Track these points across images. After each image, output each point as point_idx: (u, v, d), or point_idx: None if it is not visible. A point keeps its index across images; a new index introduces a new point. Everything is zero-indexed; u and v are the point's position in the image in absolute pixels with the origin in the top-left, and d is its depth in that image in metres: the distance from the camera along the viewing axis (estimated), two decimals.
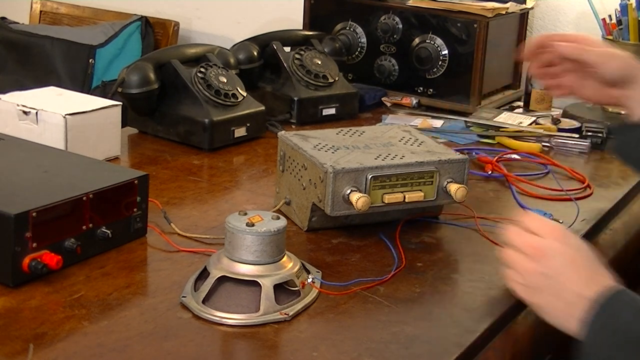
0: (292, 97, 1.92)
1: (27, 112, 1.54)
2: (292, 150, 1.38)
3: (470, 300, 1.18)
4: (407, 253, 1.30)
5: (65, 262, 1.15)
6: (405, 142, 1.42)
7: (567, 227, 1.42)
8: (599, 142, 1.87)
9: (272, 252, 1.12)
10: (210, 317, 1.08)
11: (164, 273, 1.20)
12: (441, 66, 2.07)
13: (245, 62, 1.93)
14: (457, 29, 2.04)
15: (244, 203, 1.48)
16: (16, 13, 2.93)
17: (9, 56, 2.72)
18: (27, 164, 1.31)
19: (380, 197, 1.31)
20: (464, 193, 1.34)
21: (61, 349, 1.00)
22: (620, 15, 2.04)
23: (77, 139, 1.53)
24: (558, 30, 2.30)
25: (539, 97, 2.09)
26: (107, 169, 1.35)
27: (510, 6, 2.11)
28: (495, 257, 1.32)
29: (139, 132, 1.78)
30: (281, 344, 1.05)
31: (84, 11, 2.92)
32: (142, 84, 1.71)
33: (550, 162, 1.73)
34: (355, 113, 2.00)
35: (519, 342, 1.18)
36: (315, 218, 1.35)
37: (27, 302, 1.09)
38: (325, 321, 1.10)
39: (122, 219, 1.26)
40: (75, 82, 2.60)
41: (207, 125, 1.70)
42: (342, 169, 1.29)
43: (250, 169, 1.65)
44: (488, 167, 1.66)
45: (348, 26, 2.17)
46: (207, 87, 1.74)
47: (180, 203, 1.45)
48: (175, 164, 1.64)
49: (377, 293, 1.18)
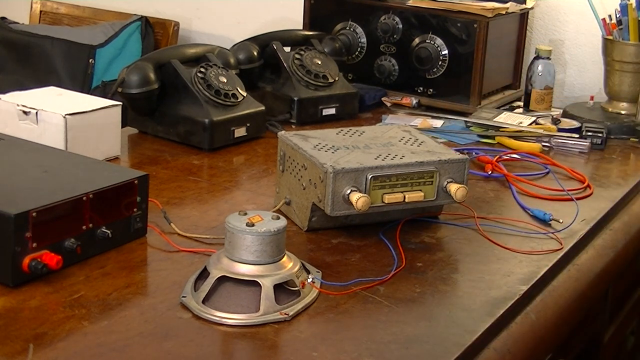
0: (292, 97, 1.92)
1: (27, 112, 1.54)
2: (292, 150, 1.38)
3: (470, 300, 1.18)
4: (407, 253, 1.30)
5: (65, 262, 1.15)
6: (405, 142, 1.42)
7: (567, 227, 1.43)
8: (599, 142, 1.88)
9: (272, 252, 1.12)
10: (210, 317, 1.08)
11: (164, 273, 1.20)
12: (441, 66, 2.07)
13: (245, 62, 1.93)
14: (457, 29, 2.04)
15: (244, 203, 1.48)
16: (16, 13, 2.93)
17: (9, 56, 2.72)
18: (27, 164, 1.31)
19: (380, 197, 1.31)
20: (464, 193, 1.34)
21: (61, 349, 1.00)
22: (620, 15, 2.04)
23: (77, 139, 1.53)
24: (558, 30, 2.30)
25: (539, 97, 2.09)
26: (107, 169, 1.35)
27: (510, 6, 2.11)
28: (495, 257, 1.32)
29: (139, 132, 1.78)
30: (281, 344, 1.05)
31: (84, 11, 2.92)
32: (142, 84, 1.71)
33: (550, 162, 1.73)
34: (355, 113, 2.00)
35: (519, 342, 1.17)
36: (315, 218, 1.35)
37: (27, 302, 1.09)
38: (325, 321, 1.10)
39: (122, 219, 1.26)
40: (75, 82, 2.60)
41: (207, 125, 1.70)
42: (342, 169, 1.29)
43: (250, 169, 1.65)
44: (488, 167, 1.66)
45: (348, 26, 2.17)
46: (207, 87, 1.74)
47: (180, 203, 1.45)
48: (175, 164, 1.64)
49: (377, 293, 1.18)
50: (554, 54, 2.17)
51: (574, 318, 1.33)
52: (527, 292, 1.22)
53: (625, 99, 2.06)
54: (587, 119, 1.98)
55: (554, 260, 1.33)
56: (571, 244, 1.39)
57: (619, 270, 1.53)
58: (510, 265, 1.30)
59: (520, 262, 1.31)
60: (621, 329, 1.76)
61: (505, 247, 1.35)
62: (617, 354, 1.77)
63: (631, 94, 2.05)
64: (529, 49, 2.27)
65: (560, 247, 1.37)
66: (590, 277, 1.39)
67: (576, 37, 2.28)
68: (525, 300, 1.22)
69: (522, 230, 1.42)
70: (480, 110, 2.00)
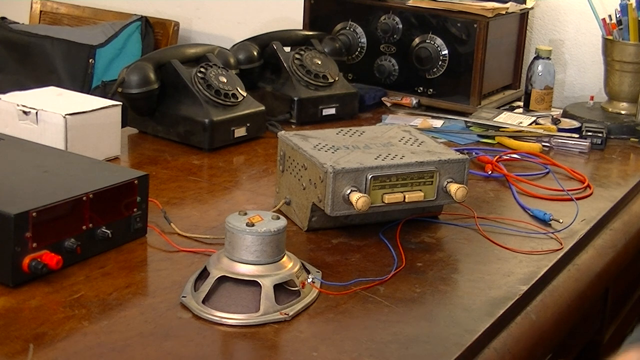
0: (292, 97, 1.92)
1: (27, 112, 1.54)
2: (292, 150, 1.38)
3: (470, 300, 1.18)
4: (407, 253, 1.30)
5: (65, 262, 1.15)
6: (405, 142, 1.42)
7: (567, 227, 1.43)
8: (599, 142, 1.88)
9: (272, 252, 1.12)
10: (210, 317, 1.08)
11: (164, 273, 1.20)
12: (441, 66, 2.07)
13: (245, 62, 1.93)
14: (457, 29, 2.04)
15: (244, 203, 1.48)
16: (16, 13, 2.93)
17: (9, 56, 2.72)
18: (27, 164, 1.31)
19: (380, 197, 1.31)
20: (464, 193, 1.34)
21: (61, 349, 1.00)
22: (620, 15, 2.04)
23: (77, 139, 1.53)
24: (558, 30, 2.30)
25: (539, 97, 2.09)
26: (107, 169, 1.35)
27: (510, 6, 2.11)
28: (495, 257, 1.32)
29: (139, 132, 1.78)
30: (281, 344, 1.05)
31: (84, 11, 2.92)
32: (142, 84, 1.71)
33: (550, 162, 1.73)
34: (355, 113, 2.00)
35: (519, 342, 1.17)
36: (315, 218, 1.35)
37: (27, 302, 1.09)
38: (325, 321, 1.10)
39: (122, 219, 1.26)
40: (75, 82, 2.60)
41: (207, 125, 1.70)
42: (342, 169, 1.29)
43: (250, 169, 1.65)
44: (488, 167, 1.66)
45: (348, 26, 2.17)
46: (207, 87, 1.74)
47: (180, 203, 1.45)
48: (175, 164, 1.64)
49: (377, 293, 1.18)
50: (554, 54, 2.17)
51: (573, 318, 1.33)
52: (527, 292, 1.22)
53: (625, 99, 2.06)
54: (587, 119, 1.98)
55: (554, 260, 1.33)
56: (571, 244, 1.39)
57: (619, 270, 1.53)
58: (510, 265, 1.30)
59: (520, 262, 1.31)
60: (621, 329, 1.76)
61: (505, 247, 1.35)
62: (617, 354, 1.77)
63: (631, 94, 2.05)
64: (529, 49, 2.27)
65: (560, 247, 1.37)
66: (590, 277, 1.39)
67: (576, 37, 2.28)
68: (525, 300, 1.22)
69: (522, 230, 1.42)
70: (480, 110, 2.00)
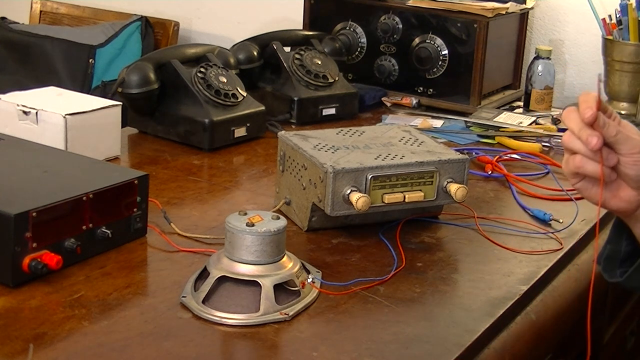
0: (292, 97, 1.92)
1: (27, 112, 1.54)
2: (292, 150, 1.38)
3: (470, 300, 1.18)
4: (407, 253, 1.30)
5: (65, 262, 1.15)
6: (405, 142, 1.42)
7: (567, 227, 1.43)
8: None
9: (272, 252, 1.12)
10: (210, 317, 1.08)
11: (164, 273, 1.20)
12: (441, 66, 2.07)
13: (245, 62, 1.93)
14: (457, 29, 2.04)
15: (244, 203, 1.48)
16: (16, 13, 2.93)
17: (9, 56, 2.72)
18: (27, 164, 1.31)
19: (380, 197, 1.31)
20: (464, 193, 1.34)
21: (61, 349, 1.00)
22: (620, 15, 2.04)
23: (77, 139, 1.53)
24: (558, 30, 2.30)
25: (539, 97, 2.09)
26: (107, 169, 1.35)
27: (510, 6, 2.11)
28: (495, 257, 1.32)
29: (139, 132, 1.78)
30: (281, 344, 1.05)
31: (84, 11, 2.92)
32: (142, 84, 1.71)
33: (550, 162, 1.73)
34: (355, 113, 2.00)
35: (519, 342, 1.18)
36: (315, 218, 1.35)
37: (27, 302, 1.09)
38: (325, 321, 1.10)
39: (122, 219, 1.26)
40: (75, 82, 2.60)
41: (207, 125, 1.70)
42: (342, 169, 1.29)
43: (250, 169, 1.65)
44: (488, 167, 1.66)
45: (348, 26, 2.17)
46: (207, 87, 1.74)
47: (180, 203, 1.45)
48: (175, 164, 1.64)
49: (377, 293, 1.18)
50: (554, 54, 2.17)
51: (573, 318, 1.33)
52: (527, 292, 1.23)
53: (625, 99, 2.06)
54: None
55: (554, 260, 1.33)
56: (571, 244, 1.39)
57: None
58: (510, 265, 1.30)
59: (520, 262, 1.31)
60: (621, 329, 1.76)
61: (505, 247, 1.35)
62: (617, 354, 1.77)
63: (631, 94, 2.05)
64: (529, 49, 2.27)
65: (560, 247, 1.37)
66: (590, 277, 1.39)
67: (576, 37, 2.28)
68: (525, 300, 1.22)
69: (522, 230, 1.42)
70: (480, 110, 2.00)
